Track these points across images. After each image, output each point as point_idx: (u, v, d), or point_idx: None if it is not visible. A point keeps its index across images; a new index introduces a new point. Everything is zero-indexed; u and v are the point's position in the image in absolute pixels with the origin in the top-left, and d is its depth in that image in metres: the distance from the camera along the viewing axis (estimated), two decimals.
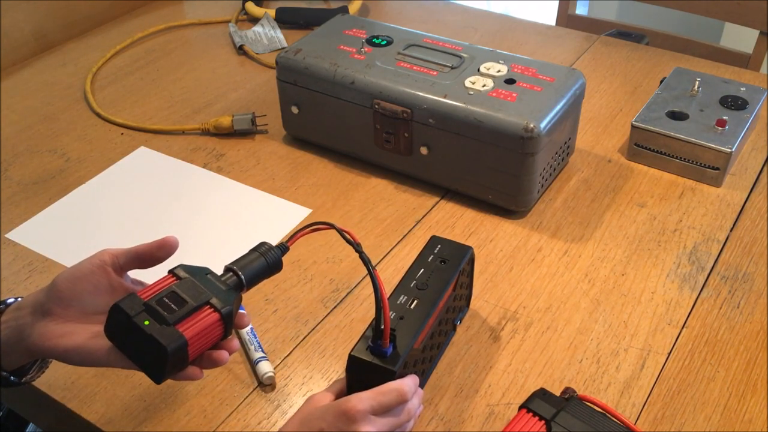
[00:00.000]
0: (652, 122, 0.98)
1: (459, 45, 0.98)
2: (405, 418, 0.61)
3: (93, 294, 0.59)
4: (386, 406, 0.59)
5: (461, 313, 0.79)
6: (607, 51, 1.26)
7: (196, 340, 0.57)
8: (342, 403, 0.58)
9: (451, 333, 0.77)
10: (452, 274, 0.71)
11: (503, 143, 0.87)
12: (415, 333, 0.65)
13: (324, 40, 1.01)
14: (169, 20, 1.37)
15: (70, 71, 1.24)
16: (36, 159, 1.04)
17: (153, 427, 0.69)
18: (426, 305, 0.68)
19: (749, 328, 0.78)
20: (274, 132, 1.08)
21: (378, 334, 0.62)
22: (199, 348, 0.58)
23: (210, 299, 0.58)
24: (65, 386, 0.73)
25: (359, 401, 0.58)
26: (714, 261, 0.86)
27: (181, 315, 0.56)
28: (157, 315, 0.56)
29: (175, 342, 0.55)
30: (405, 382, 0.61)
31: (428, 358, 0.72)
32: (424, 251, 0.74)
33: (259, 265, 0.62)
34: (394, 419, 0.60)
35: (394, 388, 0.60)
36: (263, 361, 0.73)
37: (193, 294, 0.58)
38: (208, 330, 0.58)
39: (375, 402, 0.59)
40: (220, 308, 0.58)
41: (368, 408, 0.58)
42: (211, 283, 0.60)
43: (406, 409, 0.62)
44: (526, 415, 0.64)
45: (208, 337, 0.58)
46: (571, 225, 0.91)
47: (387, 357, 0.62)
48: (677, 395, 0.71)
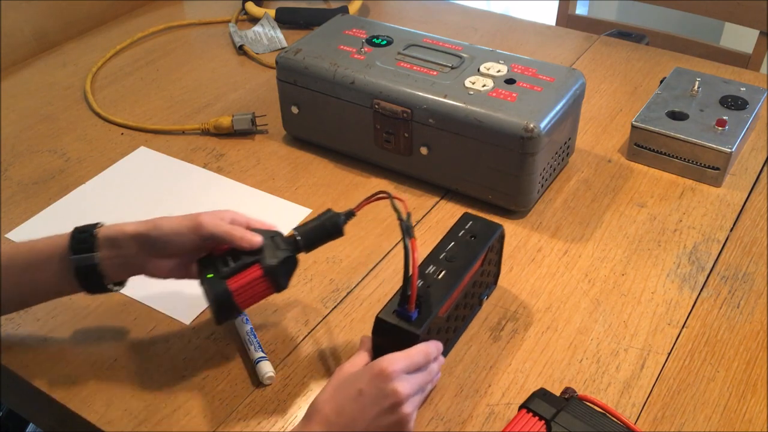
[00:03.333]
0: (652, 122, 0.98)
1: (459, 45, 0.98)
2: (429, 378, 0.66)
3: (183, 249, 0.71)
4: (417, 365, 0.64)
5: (488, 289, 0.81)
6: (607, 51, 1.26)
7: (240, 291, 0.68)
8: (376, 364, 0.63)
9: (476, 307, 0.79)
10: (481, 249, 0.74)
11: (503, 143, 0.87)
12: (440, 301, 0.68)
13: (324, 40, 1.01)
14: (169, 20, 1.37)
15: (70, 71, 1.24)
16: (36, 159, 1.04)
17: (153, 427, 0.69)
18: (453, 276, 0.70)
19: (749, 328, 0.78)
20: (274, 132, 1.08)
21: (404, 299, 0.65)
22: (248, 299, 0.69)
23: (260, 258, 0.69)
24: (65, 386, 0.73)
25: (393, 361, 0.62)
26: (714, 261, 0.86)
27: (234, 269, 0.68)
28: (217, 269, 0.69)
29: (219, 291, 0.67)
30: (430, 344, 0.66)
31: (452, 328, 0.74)
32: (455, 227, 0.76)
33: (317, 228, 0.72)
34: (424, 377, 0.65)
35: (421, 349, 0.65)
36: (263, 361, 0.73)
37: (249, 254, 0.69)
38: (253, 284, 0.68)
39: (407, 362, 0.63)
40: (264, 264, 0.68)
41: (402, 367, 0.62)
42: (271, 245, 0.70)
43: (429, 369, 0.66)
44: (526, 415, 0.65)
45: (255, 290, 0.69)
46: (571, 225, 0.91)
47: (412, 321, 0.66)
48: (677, 395, 0.71)
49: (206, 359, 0.75)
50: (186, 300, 0.81)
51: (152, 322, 0.79)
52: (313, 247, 0.72)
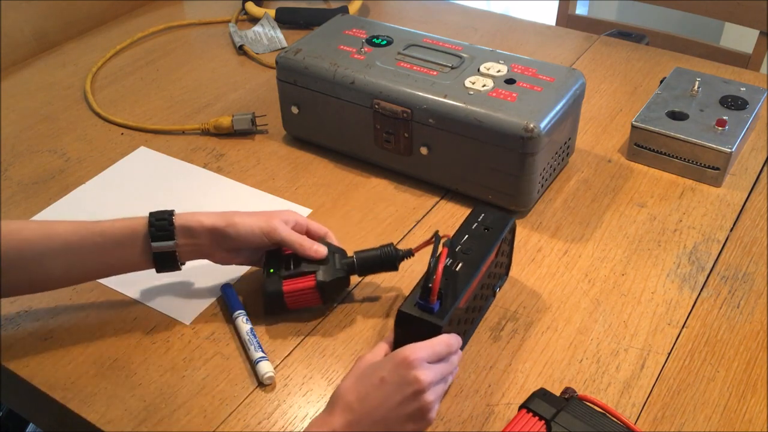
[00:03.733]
0: (652, 122, 0.98)
1: (459, 45, 0.98)
2: (450, 368, 0.67)
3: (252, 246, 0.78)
4: (438, 355, 0.65)
5: (501, 280, 0.82)
6: (607, 51, 1.26)
7: (291, 294, 0.76)
8: (399, 353, 0.64)
9: (490, 298, 0.81)
10: (495, 241, 0.75)
11: (503, 143, 0.87)
12: (460, 292, 0.69)
13: (324, 40, 1.01)
14: (169, 20, 1.37)
15: (70, 71, 1.24)
16: (36, 159, 1.04)
17: (153, 427, 0.69)
18: (471, 268, 0.72)
19: (749, 328, 0.78)
20: (274, 132, 1.08)
21: (426, 292, 0.67)
22: (296, 302, 0.76)
23: (317, 270, 0.76)
24: (65, 386, 0.73)
25: (417, 350, 0.64)
26: (714, 261, 0.86)
27: (292, 273, 0.76)
28: (280, 267, 0.76)
29: (273, 289, 0.75)
30: (451, 336, 0.67)
31: (470, 319, 0.76)
32: (468, 218, 0.78)
33: (374, 258, 0.78)
34: (446, 367, 0.66)
35: (444, 340, 0.66)
36: (263, 361, 0.73)
37: (310, 262, 0.76)
38: (305, 291, 0.76)
39: (429, 351, 0.64)
40: (318, 278, 0.75)
41: (425, 356, 0.64)
42: (330, 261, 0.77)
43: (450, 361, 0.67)
44: (526, 415, 0.65)
45: (305, 297, 0.76)
46: (571, 225, 0.91)
47: (434, 313, 0.67)
48: (677, 395, 0.71)
49: (206, 359, 0.75)
50: (186, 300, 0.81)
51: (152, 322, 0.79)
52: (366, 273, 0.79)
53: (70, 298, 0.82)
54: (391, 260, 0.78)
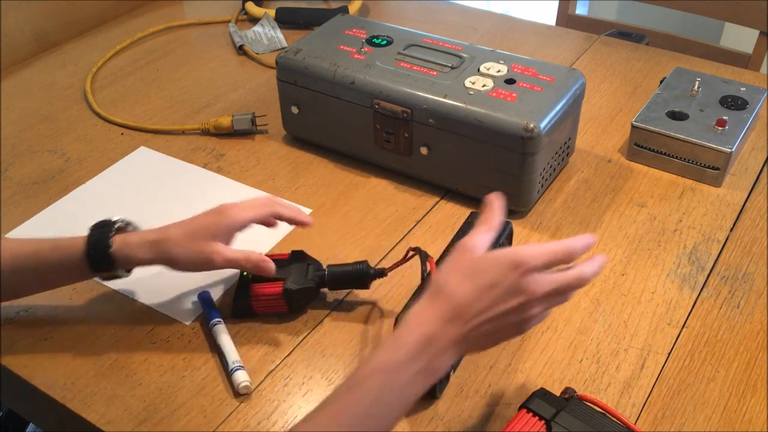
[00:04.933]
0: (652, 122, 0.98)
1: (459, 45, 0.98)
2: (568, 280, 0.60)
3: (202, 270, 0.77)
4: (559, 261, 0.59)
5: None
6: (607, 51, 1.26)
7: (258, 299, 0.77)
8: (514, 254, 0.58)
9: None
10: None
11: (503, 143, 0.87)
12: None
13: (324, 40, 1.01)
14: (169, 20, 1.37)
15: (70, 71, 1.24)
16: (36, 159, 1.04)
17: (153, 427, 0.69)
18: None
19: (749, 328, 0.78)
20: (274, 132, 1.08)
21: None
22: (263, 307, 0.78)
23: (287, 279, 0.76)
24: (65, 386, 0.73)
25: (534, 255, 0.58)
26: (714, 261, 0.86)
27: (264, 278, 0.76)
28: None
29: (241, 292, 0.78)
30: (577, 240, 0.60)
31: None
32: (464, 226, 0.79)
33: (345, 273, 0.78)
34: (565, 278, 0.59)
35: (565, 246, 0.60)
36: (239, 370, 0.72)
37: (283, 271, 0.77)
38: (271, 297, 0.77)
39: (548, 258, 0.58)
40: (286, 286, 0.76)
41: (541, 263, 0.58)
42: (302, 271, 0.78)
43: (575, 273, 0.60)
44: (526, 415, 0.65)
45: (271, 303, 0.77)
46: (571, 225, 0.91)
47: None
48: (677, 395, 0.71)
49: (206, 359, 0.75)
50: (186, 300, 0.81)
51: (152, 322, 0.79)
52: (337, 287, 0.80)
53: (70, 298, 0.82)
54: (362, 278, 0.78)
